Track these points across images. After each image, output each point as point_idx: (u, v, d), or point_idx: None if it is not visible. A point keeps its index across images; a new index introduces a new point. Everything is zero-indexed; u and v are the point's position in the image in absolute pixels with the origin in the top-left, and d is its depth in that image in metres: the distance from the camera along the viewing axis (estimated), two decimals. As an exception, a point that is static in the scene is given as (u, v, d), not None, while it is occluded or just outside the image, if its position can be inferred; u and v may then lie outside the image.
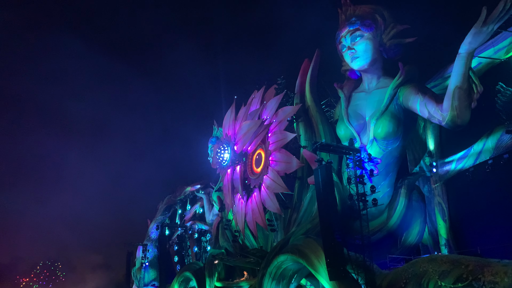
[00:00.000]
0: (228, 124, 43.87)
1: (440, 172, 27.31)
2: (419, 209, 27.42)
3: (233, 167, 41.18)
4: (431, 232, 27.64)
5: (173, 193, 61.88)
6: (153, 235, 62.48)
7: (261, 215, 35.58)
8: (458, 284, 16.69)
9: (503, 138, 23.28)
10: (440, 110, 23.50)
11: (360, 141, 28.43)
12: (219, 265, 39.66)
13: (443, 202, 26.98)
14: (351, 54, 28.51)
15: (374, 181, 25.81)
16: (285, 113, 35.46)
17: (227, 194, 41.45)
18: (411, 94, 25.92)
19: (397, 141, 27.43)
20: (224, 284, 38.84)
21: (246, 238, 39.02)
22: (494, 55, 23.77)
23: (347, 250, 22.17)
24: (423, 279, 18.11)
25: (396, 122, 27.00)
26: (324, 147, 25.98)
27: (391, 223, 26.57)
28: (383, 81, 28.66)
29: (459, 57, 22.17)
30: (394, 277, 19.99)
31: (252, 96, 41.92)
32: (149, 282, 58.69)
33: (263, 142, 37.69)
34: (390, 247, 26.11)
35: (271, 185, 34.69)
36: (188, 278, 43.96)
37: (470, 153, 25.31)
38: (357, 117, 29.30)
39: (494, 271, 15.67)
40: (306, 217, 30.76)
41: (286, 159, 33.77)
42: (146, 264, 58.43)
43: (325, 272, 22.36)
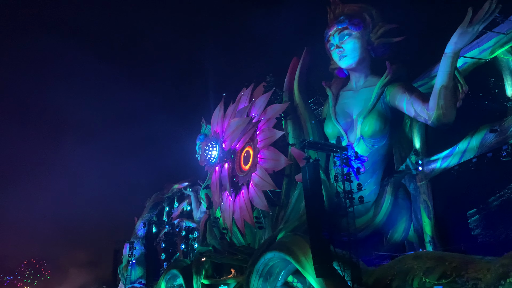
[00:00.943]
0: (216, 121, 43.74)
1: (426, 170, 27.67)
2: (405, 207, 27.76)
3: (221, 165, 41.10)
4: (416, 229, 28.01)
5: (161, 191, 61.56)
6: (140, 232, 62.05)
7: (249, 213, 35.61)
8: (442, 280, 16.94)
9: (487, 137, 23.69)
10: (426, 109, 23.78)
11: (348, 139, 28.63)
12: (206, 263, 39.56)
13: (429, 200, 27.36)
14: (339, 53, 28.66)
15: (361, 179, 26.04)
16: (273, 111, 35.50)
17: (215, 191, 41.36)
18: (398, 93, 26.17)
19: (383, 139, 27.71)
20: (211, 281, 38.77)
21: (234, 236, 39.02)
22: (479, 55, 24.15)
23: (333, 247, 22.32)
24: (408, 275, 18.34)
25: (383, 121, 27.25)
26: (312, 145, 26.09)
27: (377, 221, 26.86)
28: (371, 80, 28.89)
29: (445, 56, 22.46)
30: (380, 274, 20.20)
31: (241, 93, 41.85)
32: (136, 280, 58.29)
33: (252, 140, 37.69)
34: (376, 244, 26.38)
35: (259, 182, 34.73)
36: (175, 275, 43.74)
37: (455, 152, 25.71)
38: (345, 116, 29.49)
39: (477, 267, 15.95)
40: (294, 215, 30.89)
41: (274, 157, 33.83)
42: (133, 261, 58.01)
43: (312, 269, 22.46)
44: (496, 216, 23.35)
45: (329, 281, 21.61)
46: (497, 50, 23.34)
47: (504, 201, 23.38)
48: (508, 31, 22.39)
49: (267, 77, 38.54)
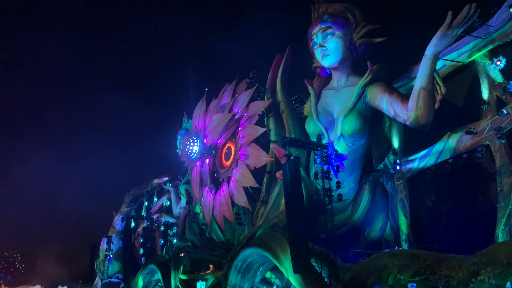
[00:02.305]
0: (198, 116, 43.49)
1: (403, 169, 28.22)
2: (382, 205, 28.23)
3: (202, 160, 40.93)
4: (393, 227, 28.53)
5: (140, 185, 60.84)
6: (118, 227, 61.28)
7: (229, 209, 35.62)
8: (416, 277, 17.34)
9: (463, 138, 24.30)
10: (405, 109, 24.17)
11: (328, 138, 28.90)
12: (185, 258, 39.43)
13: (405, 199, 27.92)
14: (322, 52, 28.85)
15: (340, 177, 26.36)
16: (256, 108, 35.54)
17: (195, 187, 41.19)
18: (378, 93, 26.53)
19: (363, 139, 28.08)
20: (189, 276, 38.68)
21: (213, 231, 38.97)
22: (458, 58, 24.70)
23: (311, 244, 22.55)
24: (383, 272, 18.69)
25: (363, 120, 27.60)
26: (293, 142, 26.25)
27: (355, 218, 27.24)
28: (352, 80, 29.19)
29: (425, 58, 22.88)
30: (356, 271, 20.53)
31: (224, 89, 41.71)
32: (113, 274, 57.60)
33: (233, 136, 37.65)
34: (354, 242, 26.77)
35: (240, 178, 34.76)
36: (153, 270, 43.45)
37: (432, 152, 26.28)
38: (326, 114, 29.74)
39: (449, 265, 16.37)
40: (273, 211, 31.05)
41: (256, 153, 33.90)
42: (110, 256, 57.24)
43: (289, 265, 22.67)
44: (468, 215, 23.99)
45: (306, 277, 21.85)
46: (475, 54, 23.91)
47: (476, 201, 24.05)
48: (485, 35, 22.95)
49: (250, 73, 38.51)
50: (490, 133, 22.60)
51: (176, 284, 38.28)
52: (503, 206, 21.30)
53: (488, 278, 14.64)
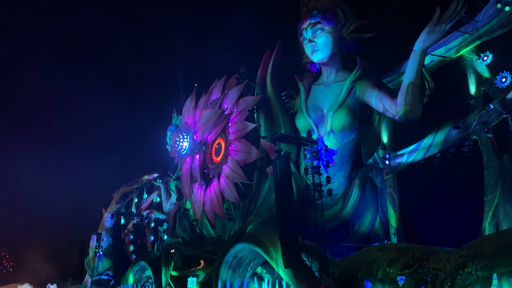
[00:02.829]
0: (188, 112, 43.28)
1: (393, 164, 28.50)
2: (372, 200, 28.47)
3: (192, 156, 40.80)
4: (382, 221, 28.83)
5: (130, 182, 60.47)
6: (107, 224, 60.86)
7: (220, 205, 35.59)
8: (405, 271, 17.52)
9: (451, 133, 24.60)
10: (394, 104, 24.34)
11: (318, 133, 29.01)
12: (175, 254, 39.34)
13: (394, 193, 28.22)
14: (312, 47, 28.88)
15: (330, 172, 26.50)
16: (246, 103, 35.46)
17: (186, 183, 41.07)
18: (367, 88, 26.66)
19: (352, 134, 28.24)
20: (180, 273, 38.62)
21: (204, 227, 38.94)
22: (445, 53, 24.94)
23: (302, 239, 22.65)
24: (373, 266, 18.85)
25: (352, 115, 27.73)
26: (283, 138, 26.28)
27: (345, 213, 27.44)
28: (342, 75, 29.29)
29: (414, 54, 23.04)
30: (346, 265, 20.68)
31: (213, 84, 41.53)
32: (103, 272, 57.27)
33: (223, 132, 37.57)
34: (344, 236, 26.99)
35: (230, 174, 34.73)
36: (143, 267, 43.30)
37: (420, 147, 26.57)
38: (316, 109, 29.82)
39: (438, 258, 16.57)
40: (264, 207, 31.11)
41: (246, 149, 33.88)
42: (100, 253, 56.93)
43: (280, 260, 22.76)
44: (456, 209, 24.32)
45: (297, 271, 21.96)
46: (462, 49, 24.17)
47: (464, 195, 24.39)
48: (473, 31, 23.20)
49: (240, 68, 38.37)
50: (477, 128, 22.92)
51: (167, 280, 38.20)
52: (490, 199, 21.66)
53: (475, 270, 14.86)
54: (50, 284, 73.95)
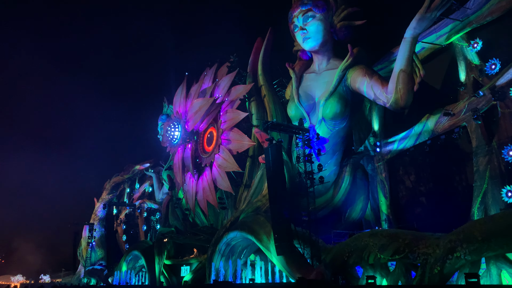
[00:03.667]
0: (179, 101, 43.01)
1: (383, 151, 28.68)
2: (363, 187, 28.72)
3: (184, 146, 40.69)
4: (373, 208, 29.11)
5: (121, 172, 60.27)
6: (100, 214, 60.78)
7: (212, 194, 35.68)
8: (396, 256, 17.78)
9: (441, 120, 24.75)
10: (385, 92, 24.42)
11: (310, 121, 29.04)
12: (168, 243, 39.49)
13: (385, 180, 28.44)
14: (303, 35, 28.74)
15: (322, 160, 26.63)
16: (237, 92, 35.34)
17: (178, 172, 41.02)
18: (358, 76, 26.68)
19: (344, 122, 28.33)
20: (173, 261, 38.82)
21: (197, 216, 39.05)
22: (436, 40, 24.98)
23: (294, 226, 22.82)
24: (364, 252, 19.09)
25: (343, 103, 27.79)
26: (275, 126, 26.27)
27: (336, 200, 27.67)
28: (333, 63, 29.25)
29: (404, 41, 23.07)
30: (337, 251, 20.92)
31: (204, 73, 41.27)
32: (96, 262, 57.37)
33: (215, 121, 37.46)
34: (335, 223, 27.25)
35: (223, 163, 34.75)
36: (136, 256, 43.43)
37: (411, 134, 26.73)
38: (307, 98, 29.81)
39: (427, 243, 16.82)
40: (256, 195, 31.22)
41: (238, 138, 33.87)
42: (93, 243, 56.94)
43: (273, 247, 22.95)
44: (445, 195, 24.62)
45: (289, 258, 22.17)
46: (453, 36, 24.22)
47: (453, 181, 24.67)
48: (463, 18, 23.24)
49: (230, 57, 38.12)
50: (467, 115, 23.08)
51: (160, 269, 38.38)
52: (479, 185, 21.93)
53: (464, 255, 15.12)
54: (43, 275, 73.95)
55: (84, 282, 54.00)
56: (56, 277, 71.46)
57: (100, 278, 53.04)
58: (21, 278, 76.87)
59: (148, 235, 50.39)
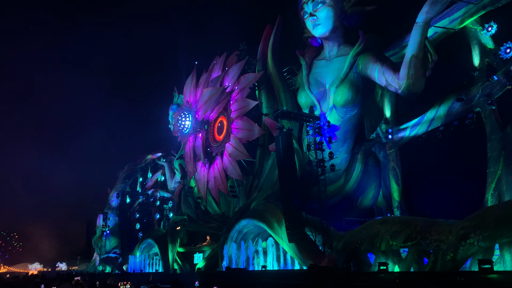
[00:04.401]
0: (189, 91, 43.09)
1: (395, 138, 28.41)
2: (375, 174, 28.61)
3: (195, 135, 40.87)
4: (385, 195, 29.00)
5: (134, 161, 60.92)
6: (113, 203, 61.65)
7: (223, 182, 35.88)
8: (408, 243, 17.76)
9: (454, 105, 24.40)
10: (397, 78, 24.13)
11: (320, 109, 28.89)
12: (181, 231, 40.00)
13: (397, 167, 28.24)
14: (313, 21, 28.42)
15: (333, 148, 26.54)
16: (247, 80, 35.23)
17: (189, 161, 41.30)
18: (370, 62, 26.38)
19: (355, 109, 28.12)
20: (186, 249, 39.37)
21: (208, 204, 39.39)
22: (449, 25, 24.46)
23: (305, 214, 22.91)
24: (376, 239, 19.11)
25: (355, 90, 27.55)
26: (285, 114, 26.22)
27: (348, 187, 27.63)
28: (344, 49, 28.93)
29: (416, 26, 22.64)
30: (349, 238, 20.97)
31: (214, 62, 41.17)
32: (111, 250, 58.41)
33: (225, 110, 37.47)
34: (347, 210, 27.26)
35: (233, 152, 34.85)
36: (150, 244, 44.10)
37: (423, 120, 26.42)
38: (318, 85, 29.60)
39: (440, 230, 16.75)
40: (267, 183, 31.35)
41: (248, 127, 33.87)
42: (107, 232, 57.92)
43: (284, 234, 23.10)
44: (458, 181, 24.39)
45: (301, 245, 22.31)
46: (467, 20, 23.68)
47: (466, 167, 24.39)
48: (477, 1, 22.68)
49: (240, 45, 37.89)
50: (480, 100, 22.70)
51: (173, 256, 38.96)
52: (493, 171, 21.67)
53: (477, 241, 15.03)
54: (60, 263, 75.67)
55: (99, 269, 55.11)
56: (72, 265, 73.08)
57: (115, 265, 54.07)
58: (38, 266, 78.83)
59: (161, 223, 51.03)
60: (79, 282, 13.15)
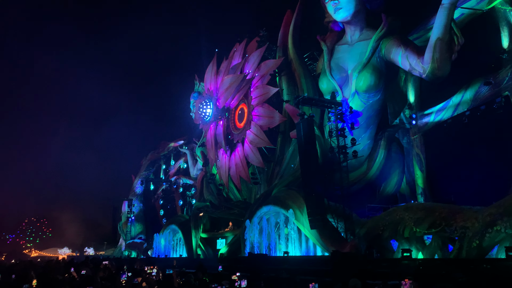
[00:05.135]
0: (209, 78, 43.24)
1: (419, 124, 27.87)
2: (398, 160, 28.22)
3: (216, 122, 41.13)
4: (408, 182, 28.63)
5: (157, 149, 61.93)
6: (138, 190, 63.07)
7: (245, 169, 36.11)
8: (432, 229, 17.55)
9: (481, 90, 23.67)
10: (421, 62, 23.55)
11: (342, 94, 28.54)
12: (204, 217, 40.66)
13: (421, 153, 27.76)
14: (334, 5, 27.90)
15: (355, 134, 26.26)
16: (267, 67, 35.05)
17: (211, 149, 41.67)
18: (393, 46, 25.81)
19: (378, 94, 27.65)
20: (209, 235, 40.04)
21: (230, 191, 39.78)
22: (477, 5, 23.61)
23: (327, 200, 22.87)
24: (399, 226, 18.95)
25: (377, 75, 27.05)
26: (306, 101, 26.04)
27: (371, 174, 27.37)
28: (366, 33, 28.36)
29: (442, 8, 21.92)
30: (372, 225, 20.86)
31: (234, 49, 41.08)
32: (136, 235, 59.98)
33: (246, 97, 37.47)
34: (369, 197, 27.07)
35: (254, 139, 34.94)
36: (174, 230, 45.03)
37: (448, 105, 25.78)
38: (340, 70, 29.19)
39: (465, 217, 16.47)
40: (288, 170, 31.37)
41: (269, 114, 33.83)
42: (132, 218, 59.40)
43: (306, 221, 23.17)
44: (485, 168, 23.82)
45: (322, 232, 22.37)
46: (495, 0, 22.80)
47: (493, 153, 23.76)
48: (506, -20, 21.79)
49: (260, 31, 37.61)
50: (509, 83, 21.95)
51: (197, 242, 39.70)
52: (521, 157, 21.06)
53: (504, 228, 14.74)
54: (87, 248, 78.23)
55: (125, 254, 56.71)
56: (99, 250, 75.44)
57: (140, 250, 55.52)
58: (67, 250, 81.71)
59: (184, 209, 51.91)
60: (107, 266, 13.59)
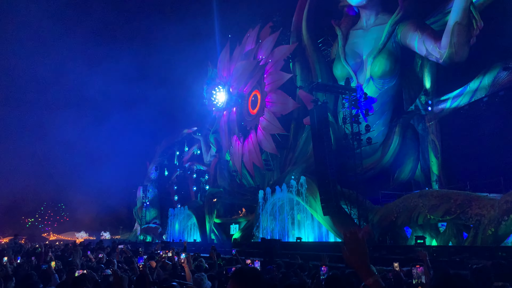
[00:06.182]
0: (223, 65, 43.13)
1: (435, 110, 27.41)
2: (413, 147, 27.92)
3: (229, 109, 41.15)
4: (423, 168, 28.33)
5: (170, 136, 62.37)
6: (152, 176, 63.83)
7: (258, 156, 36.19)
8: (446, 217, 17.43)
9: (500, 75, 23.13)
10: (438, 47, 23.08)
11: (357, 80, 28.21)
12: (217, 203, 41.03)
13: (437, 140, 27.37)
14: (350, -11, 27.42)
15: (369, 120, 26.01)
16: (281, 53, 34.77)
17: (224, 135, 41.81)
18: (409, 31, 25.31)
19: (393, 80, 27.25)
20: (223, 220, 40.45)
21: (243, 177, 39.99)
22: (497, -12, 22.94)
23: (340, 187, 22.84)
24: (413, 213, 18.87)
25: (393, 60, 26.63)
26: (320, 87, 25.83)
27: (385, 161, 27.18)
28: (382, 18, 27.84)
29: (461, -10, 21.39)
30: (385, 211, 20.82)
31: (247, 35, 40.80)
32: (151, 220, 60.93)
33: (259, 83, 37.33)
34: (383, 184, 26.91)
35: (267, 126, 34.91)
36: (188, 215, 45.63)
37: (466, 91, 25.26)
38: (354, 56, 28.80)
39: (481, 204, 16.31)
40: (302, 157, 31.33)
41: (282, 100, 33.68)
42: (147, 203, 60.29)
43: (319, 207, 23.23)
44: (502, 155, 23.40)
45: (336, 218, 22.40)
46: (516, -18, 22.11)
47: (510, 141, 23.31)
48: (529, -40, 21.05)
49: (273, 17, 37.23)
50: (530, 68, 21.40)
51: (211, 227, 40.18)
52: (540, 144, 20.62)
53: (521, 216, 14.58)
54: (104, 232, 79.94)
55: (140, 239, 57.79)
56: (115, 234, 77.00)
57: (155, 235, 56.49)
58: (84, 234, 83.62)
59: (198, 195, 52.42)
60: (123, 250, 13.88)
